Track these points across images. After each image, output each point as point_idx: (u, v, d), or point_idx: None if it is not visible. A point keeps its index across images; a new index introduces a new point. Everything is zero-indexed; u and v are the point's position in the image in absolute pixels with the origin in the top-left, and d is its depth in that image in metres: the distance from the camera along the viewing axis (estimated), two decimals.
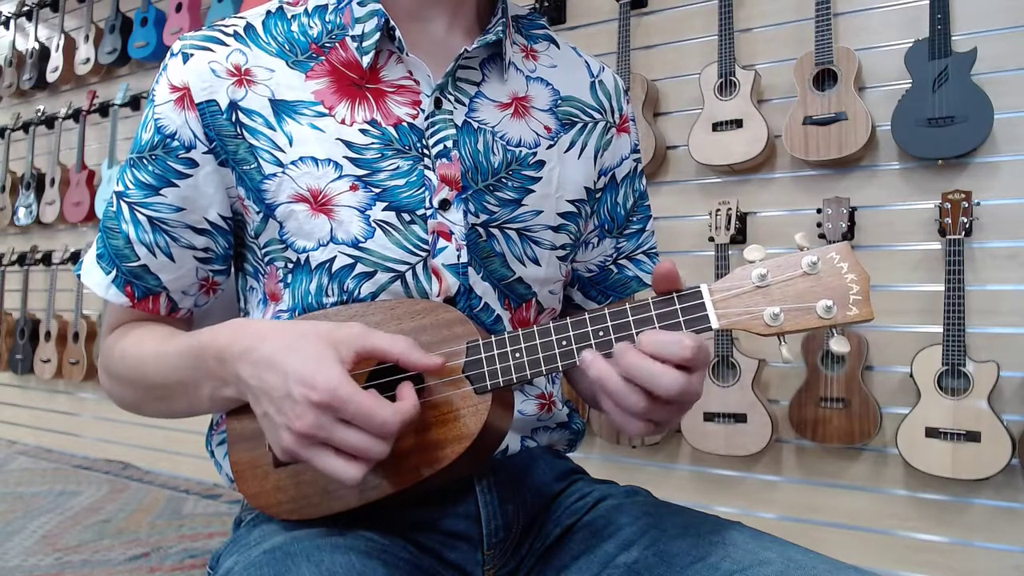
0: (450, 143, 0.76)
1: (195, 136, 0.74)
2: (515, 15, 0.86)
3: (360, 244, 0.73)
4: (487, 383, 0.66)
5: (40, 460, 3.47)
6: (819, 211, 1.90)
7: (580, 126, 0.85)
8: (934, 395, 1.75)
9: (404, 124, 0.75)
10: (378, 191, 0.74)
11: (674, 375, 0.58)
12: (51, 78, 3.55)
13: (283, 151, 0.73)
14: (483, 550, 0.76)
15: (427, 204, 0.74)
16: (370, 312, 0.71)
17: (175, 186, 0.75)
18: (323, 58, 0.76)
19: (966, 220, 1.72)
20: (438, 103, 0.76)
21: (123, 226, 0.76)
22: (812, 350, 1.90)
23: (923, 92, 1.78)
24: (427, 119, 0.76)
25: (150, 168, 0.75)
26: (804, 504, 2.03)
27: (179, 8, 3.05)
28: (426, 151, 0.75)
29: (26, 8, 3.72)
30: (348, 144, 0.74)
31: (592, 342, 0.64)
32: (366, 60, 0.75)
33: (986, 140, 1.74)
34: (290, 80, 0.75)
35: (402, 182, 0.74)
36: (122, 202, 0.76)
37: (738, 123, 2.01)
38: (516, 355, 0.65)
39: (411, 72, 0.77)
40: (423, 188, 0.74)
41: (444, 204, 0.75)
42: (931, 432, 1.75)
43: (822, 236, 1.87)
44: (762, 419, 1.94)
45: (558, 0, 2.39)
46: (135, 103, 3.31)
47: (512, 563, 0.78)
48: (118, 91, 3.33)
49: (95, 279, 0.78)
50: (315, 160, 0.73)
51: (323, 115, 0.74)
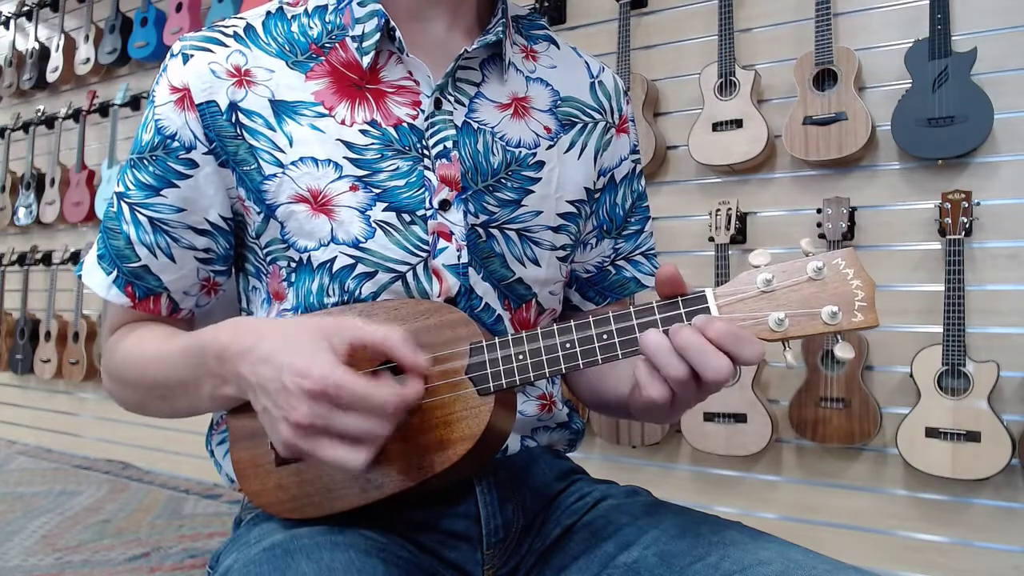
0: (450, 143, 0.76)
1: (195, 137, 0.74)
2: (515, 15, 0.86)
3: (360, 244, 0.73)
4: (490, 384, 0.66)
5: (40, 460, 3.47)
6: (819, 211, 1.90)
7: (580, 127, 0.85)
8: (934, 395, 1.75)
9: (404, 124, 0.75)
10: (378, 191, 0.74)
11: (726, 360, 0.59)
12: (51, 78, 3.55)
13: (283, 152, 0.73)
14: (483, 550, 0.76)
15: (427, 205, 0.74)
16: (373, 312, 0.71)
17: (176, 187, 0.75)
18: (323, 58, 0.76)
19: (966, 220, 1.72)
20: (438, 103, 0.76)
21: (124, 227, 0.76)
22: (812, 350, 1.90)
23: (923, 92, 1.78)
24: (427, 119, 0.76)
25: (150, 169, 0.75)
26: (804, 504, 2.03)
27: (179, 8, 3.05)
28: (426, 152, 0.75)
29: (26, 8, 3.72)
30: (348, 145, 0.74)
31: (596, 345, 0.64)
32: (366, 60, 0.75)
33: (986, 140, 1.74)
34: (290, 81, 0.75)
35: (402, 183, 0.74)
36: (123, 203, 0.76)
37: (738, 123, 2.01)
38: (519, 357, 0.65)
39: (411, 72, 0.77)
40: (423, 189, 0.74)
41: (444, 205, 0.75)
42: (931, 432, 1.75)
43: (822, 236, 1.87)
44: (762, 419, 1.94)
45: (558, 0, 2.39)
46: (135, 103, 3.31)
47: (512, 563, 0.78)
48: (118, 91, 3.33)
49: (96, 280, 0.78)
50: (315, 161, 0.73)
51: (323, 116, 0.74)
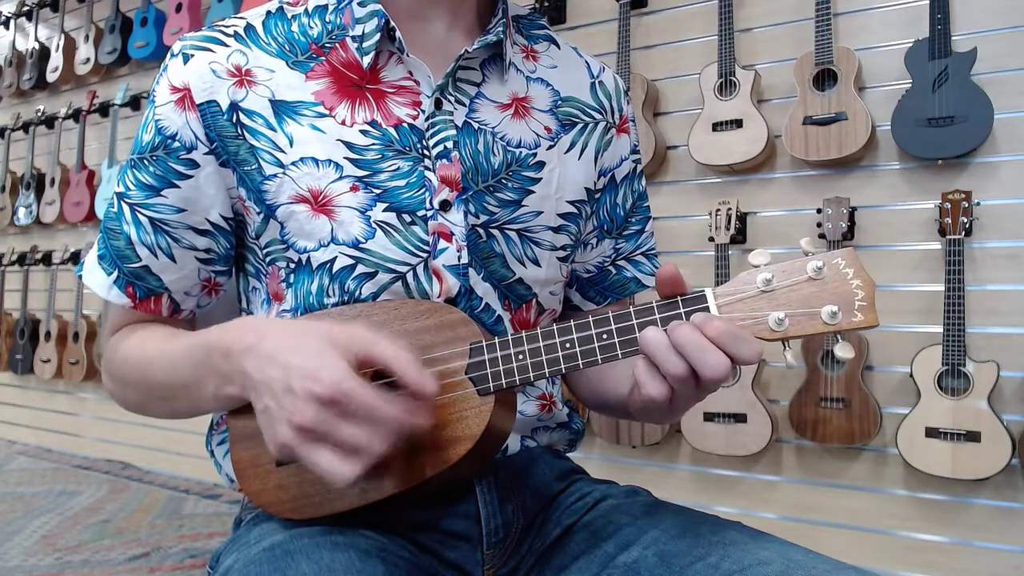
0: (450, 144, 0.76)
1: (196, 137, 0.74)
2: (515, 15, 0.86)
3: (361, 245, 0.73)
4: (490, 384, 0.66)
5: (40, 460, 3.47)
6: (819, 211, 1.90)
7: (580, 127, 0.85)
8: (934, 395, 1.75)
9: (404, 125, 0.75)
10: (378, 192, 0.74)
11: (724, 359, 0.59)
12: (51, 78, 3.55)
13: (284, 152, 0.73)
14: (483, 550, 0.76)
15: (427, 205, 0.74)
16: (374, 312, 0.71)
17: (176, 187, 0.75)
18: (323, 58, 0.76)
19: (966, 220, 1.72)
20: (438, 104, 0.76)
21: (124, 227, 0.76)
22: (812, 350, 1.90)
23: (923, 92, 1.78)
24: (427, 120, 0.76)
25: (151, 169, 0.75)
26: (804, 504, 2.03)
27: (179, 8, 3.05)
28: (426, 152, 0.75)
29: (26, 8, 3.72)
30: (348, 145, 0.74)
31: (596, 345, 0.64)
32: (366, 61, 0.75)
33: (986, 140, 1.75)
34: (290, 81, 0.75)
35: (402, 183, 0.74)
36: (123, 203, 0.76)
37: (738, 123, 2.02)
38: (519, 357, 0.65)
39: (411, 73, 0.77)
40: (423, 189, 0.74)
41: (444, 205, 0.75)
42: (931, 432, 1.75)
43: (822, 236, 1.87)
44: (762, 419, 1.94)
45: (558, 0, 2.39)
46: (135, 103, 3.31)
47: (512, 563, 0.78)
48: (118, 91, 3.33)
49: (97, 280, 0.78)
50: (315, 161, 0.73)
51: (323, 116, 0.74)
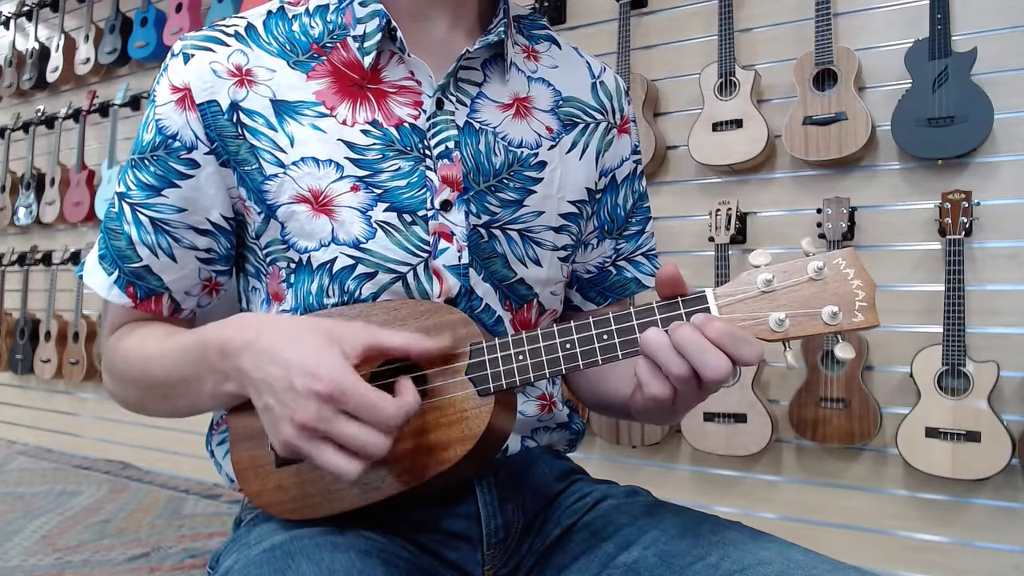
0: (452, 144, 0.76)
1: (196, 137, 0.74)
2: (516, 15, 0.86)
3: (361, 245, 0.73)
4: (490, 385, 0.66)
5: (40, 460, 3.47)
6: (819, 211, 1.90)
7: (582, 127, 0.85)
8: (934, 395, 1.75)
9: (406, 125, 0.75)
10: (379, 192, 0.73)
11: (724, 359, 0.59)
12: (51, 78, 3.55)
13: (284, 152, 0.73)
14: (483, 550, 0.76)
15: (428, 205, 0.74)
16: (373, 313, 0.71)
17: (177, 187, 0.75)
18: (324, 58, 0.76)
19: (966, 220, 1.72)
20: (440, 104, 0.76)
21: (125, 227, 0.76)
22: (812, 350, 1.90)
23: (923, 92, 1.78)
24: (429, 120, 0.76)
25: (151, 169, 0.75)
26: (804, 504, 2.03)
27: (179, 8, 3.05)
28: (428, 152, 0.75)
29: (26, 8, 3.72)
30: (349, 145, 0.74)
31: (596, 345, 0.64)
32: (367, 60, 0.75)
33: (986, 140, 1.75)
34: (291, 80, 0.75)
35: (403, 183, 0.74)
36: (124, 203, 0.76)
37: (738, 123, 2.02)
38: (519, 357, 0.65)
39: (413, 73, 0.77)
40: (424, 189, 0.74)
41: (445, 205, 0.75)
42: (931, 432, 1.75)
43: (822, 236, 1.87)
44: (762, 419, 1.94)
45: (558, 0, 2.39)
46: (135, 103, 3.31)
47: (512, 563, 0.78)
48: (118, 91, 3.33)
49: (97, 280, 0.78)
50: (316, 161, 0.73)
51: (324, 116, 0.74)
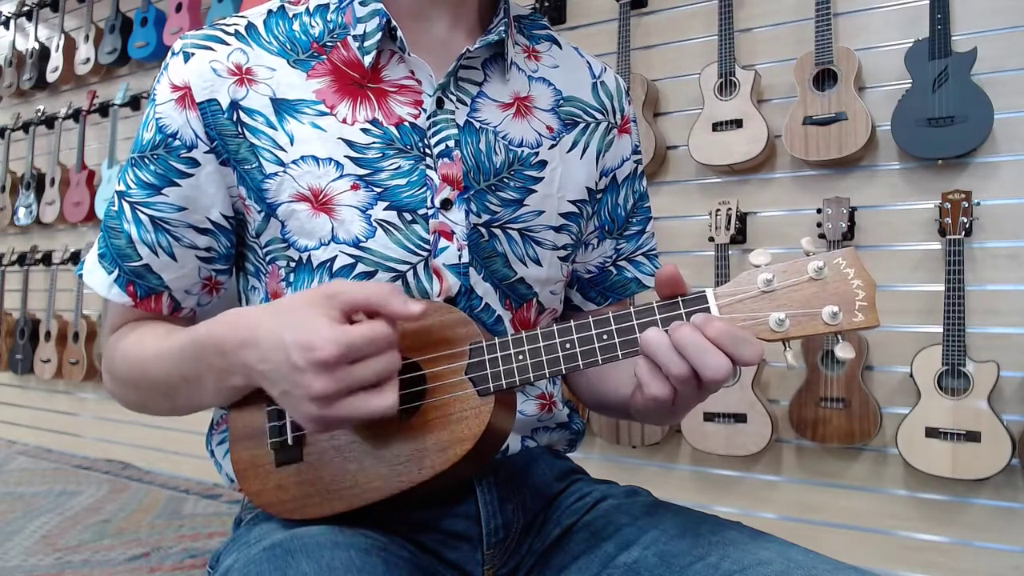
0: (452, 143, 0.76)
1: (196, 135, 0.74)
2: (517, 15, 0.86)
3: (361, 244, 0.73)
4: (490, 385, 0.66)
5: (40, 460, 3.47)
6: (819, 211, 1.90)
7: (582, 126, 0.85)
8: (934, 395, 1.75)
9: (406, 124, 0.75)
10: (379, 191, 0.73)
11: (724, 359, 0.59)
12: (51, 78, 3.55)
13: (284, 150, 0.73)
14: (483, 550, 0.76)
15: (429, 204, 0.74)
16: None
17: (177, 185, 0.75)
18: (325, 57, 0.76)
19: (966, 220, 1.72)
20: (440, 103, 0.76)
21: (125, 226, 0.76)
22: (812, 350, 1.90)
23: (923, 92, 1.78)
24: (429, 119, 0.76)
25: (152, 167, 0.75)
26: (804, 504, 2.03)
27: (179, 8, 3.05)
28: (428, 151, 0.75)
29: (26, 8, 3.72)
30: (349, 143, 0.74)
31: (596, 345, 0.64)
32: (368, 60, 0.75)
33: (986, 140, 1.74)
34: (291, 79, 0.75)
35: (403, 182, 0.74)
36: (124, 201, 0.76)
37: (738, 123, 2.01)
38: (519, 357, 0.65)
39: (413, 72, 0.77)
40: (424, 188, 0.74)
41: (446, 204, 0.75)
42: (931, 432, 1.75)
43: (822, 236, 1.87)
44: (762, 419, 1.94)
45: (558, 0, 2.39)
46: (135, 103, 3.31)
47: (512, 563, 0.78)
48: (118, 91, 3.33)
49: (97, 279, 0.78)
50: (316, 159, 0.73)
51: (324, 114, 0.74)
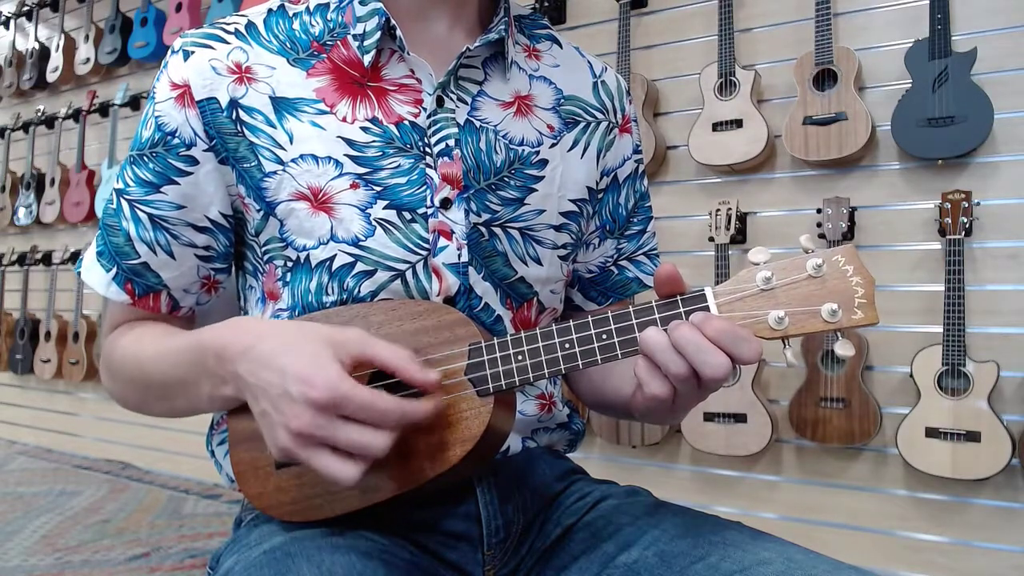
0: (452, 142, 0.76)
1: (195, 134, 0.74)
2: (517, 15, 0.86)
3: (360, 242, 0.73)
4: (489, 385, 0.65)
5: (40, 460, 3.46)
6: (819, 211, 1.90)
7: (583, 125, 0.85)
8: (934, 395, 1.75)
9: (406, 122, 0.75)
10: (379, 189, 0.73)
11: (724, 358, 0.59)
12: (51, 78, 3.55)
13: (283, 149, 0.73)
14: (483, 550, 0.76)
15: (428, 203, 0.74)
16: (371, 313, 0.70)
17: (176, 184, 0.75)
18: (324, 56, 0.76)
19: (966, 220, 1.72)
20: (440, 101, 0.76)
21: (123, 223, 0.76)
22: (812, 350, 1.90)
23: (923, 92, 1.78)
24: (429, 117, 0.75)
25: (151, 165, 0.75)
26: (804, 504, 2.03)
27: (179, 8, 3.05)
28: (428, 150, 0.75)
29: (26, 8, 3.72)
30: (349, 142, 0.73)
31: (595, 345, 0.64)
32: (367, 59, 0.75)
33: (986, 140, 1.75)
34: (291, 78, 0.75)
35: (403, 180, 0.74)
36: (122, 199, 0.76)
37: (738, 123, 2.01)
38: (519, 357, 0.65)
39: (413, 71, 0.77)
40: (424, 187, 0.74)
41: (445, 203, 0.75)
42: (931, 432, 1.75)
43: (822, 236, 1.87)
44: (762, 419, 1.94)
45: (558, 0, 2.39)
46: (135, 103, 3.31)
47: (512, 563, 0.78)
48: (118, 91, 3.33)
49: (95, 277, 0.78)
50: (316, 158, 0.73)
51: (324, 113, 0.74)
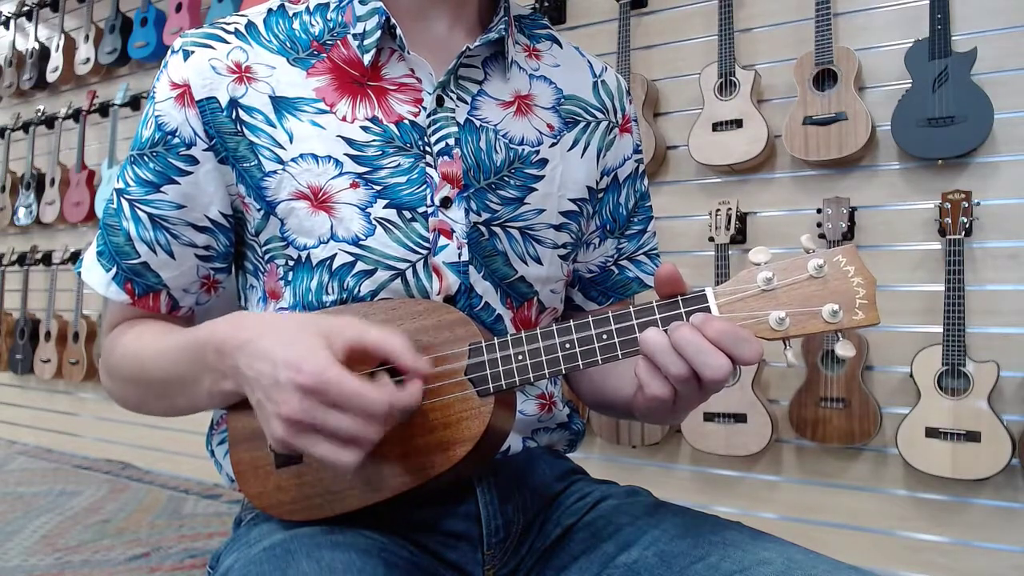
0: (452, 141, 0.76)
1: (195, 133, 0.74)
2: (518, 15, 0.86)
3: (360, 242, 0.73)
4: (489, 385, 0.65)
5: (40, 460, 3.46)
6: (819, 211, 1.90)
7: (583, 125, 0.85)
8: (934, 395, 1.75)
9: (406, 122, 0.75)
10: (379, 188, 0.73)
11: (724, 359, 0.58)
12: (51, 78, 3.55)
13: (283, 148, 0.73)
14: (483, 550, 0.76)
15: (428, 202, 0.74)
16: (371, 312, 0.70)
17: (176, 183, 0.75)
18: (324, 56, 0.76)
19: (966, 220, 1.72)
20: (440, 101, 0.76)
21: (124, 223, 0.76)
22: (812, 350, 1.90)
23: (923, 92, 1.78)
24: (429, 117, 0.75)
25: (151, 165, 0.75)
26: (804, 504, 2.03)
27: (179, 8, 3.05)
28: (428, 149, 0.75)
29: (26, 8, 3.72)
30: (349, 141, 0.73)
31: (596, 345, 0.63)
32: (367, 58, 0.75)
33: (986, 140, 1.74)
34: (291, 77, 0.75)
35: (403, 179, 0.74)
36: (123, 199, 0.76)
37: (738, 123, 2.01)
38: (519, 357, 0.65)
39: (413, 70, 0.77)
40: (424, 186, 0.74)
41: (446, 202, 0.75)
42: (931, 432, 1.74)
43: (822, 236, 1.87)
44: (762, 419, 1.94)
45: (558, 0, 2.39)
46: (135, 103, 3.31)
47: (512, 563, 0.78)
48: (118, 91, 3.33)
49: (95, 276, 0.78)
50: (315, 157, 0.73)
51: (324, 112, 0.74)
